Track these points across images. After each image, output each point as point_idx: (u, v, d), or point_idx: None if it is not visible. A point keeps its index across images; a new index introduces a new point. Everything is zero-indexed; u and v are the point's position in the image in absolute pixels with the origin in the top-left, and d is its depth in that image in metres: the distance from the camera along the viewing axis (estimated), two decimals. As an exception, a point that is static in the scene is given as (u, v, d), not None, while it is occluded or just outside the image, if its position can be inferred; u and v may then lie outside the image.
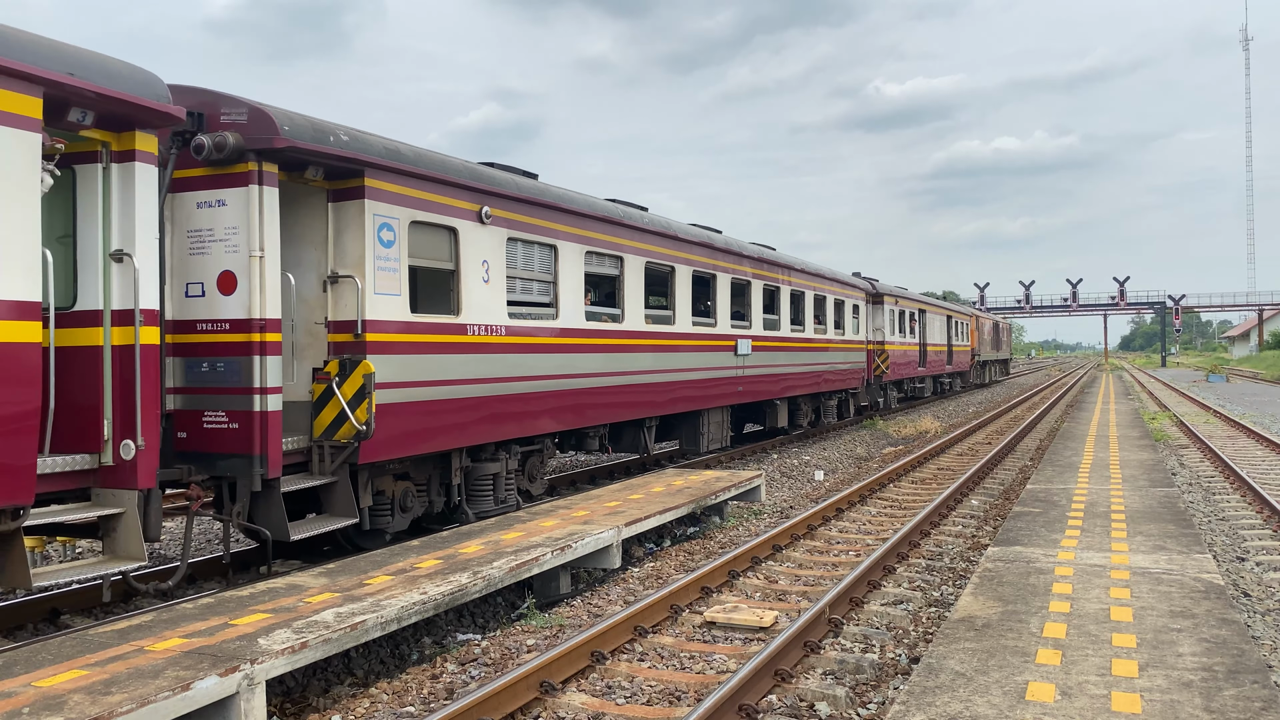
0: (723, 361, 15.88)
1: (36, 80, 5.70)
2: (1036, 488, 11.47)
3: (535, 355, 10.80)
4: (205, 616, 5.98)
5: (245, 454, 7.60)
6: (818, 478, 16.19)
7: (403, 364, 8.81)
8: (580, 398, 11.73)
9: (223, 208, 7.75)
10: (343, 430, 8.16)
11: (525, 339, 10.62)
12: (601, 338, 12.29)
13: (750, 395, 17.13)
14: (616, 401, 12.63)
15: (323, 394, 8.28)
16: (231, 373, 7.69)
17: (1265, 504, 12.09)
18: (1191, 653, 5.27)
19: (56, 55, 5.90)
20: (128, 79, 6.33)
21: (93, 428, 6.40)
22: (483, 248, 9.91)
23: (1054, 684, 4.83)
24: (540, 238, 10.96)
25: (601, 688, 6.08)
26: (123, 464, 6.38)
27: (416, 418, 8.97)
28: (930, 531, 10.94)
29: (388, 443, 8.58)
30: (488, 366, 9.96)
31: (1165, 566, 7.31)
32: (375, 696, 5.98)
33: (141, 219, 6.51)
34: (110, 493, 6.41)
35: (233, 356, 7.70)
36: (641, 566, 9.51)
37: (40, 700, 4.56)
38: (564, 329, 11.40)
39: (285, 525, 7.74)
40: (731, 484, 11.84)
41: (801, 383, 20.01)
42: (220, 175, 7.70)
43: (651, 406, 13.64)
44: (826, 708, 5.68)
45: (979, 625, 5.87)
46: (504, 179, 10.46)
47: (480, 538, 8.49)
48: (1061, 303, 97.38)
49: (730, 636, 7.19)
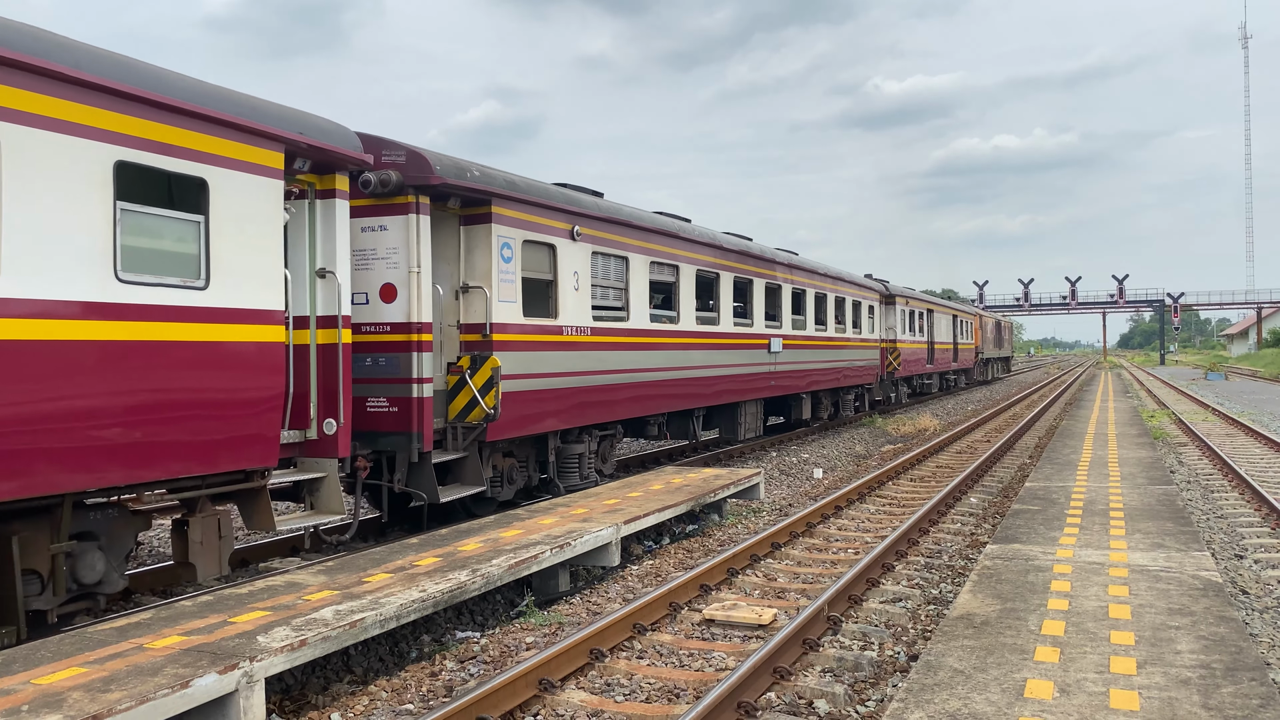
0: (758, 358, 17.56)
1: (280, 139, 7.38)
2: (1035, 485, 11.48)
3: (612, 352, 12.56)
4: (204, 614, 5.98)
5: (405, 432, 9.36)
6: (816, 475, 16.20)
7: (518, 359, 10.52)
8: (646, 389, 13.47)
9: (384, 231, 9.54)
10: (474, 414, 9.87)
11: (605, 338, 12.40)
12: (662, 337, 14.04)
13: (780, 389, 18.75)
14: (673, 393, 14.34)
15: (456, 384, 9.95)
16: (393, 366, 9.48)
17: (1264, 502, 12.10)
18: (1190, 650, 5.28)
19: (288, 117, 7.51)
20: (331, 132, 7.99)
21: (303, 409, 7.98)
22: (573, 261, 11.68)
23: (1052, 681, 4.84)
24: (616, 251, 12.74)
25: (600, 685, 6.08)
26: (325, 438, 8.09)
27: (527, 404, 10.69)
28: (929, 529, 10.95)
29: (506, 425, 10.27)
30: (578, 362, 11.71)
31: (1164, 564, 7.32)
32: (374, 694, 5.99)
33: (339, 243, 8.21)
34: (315, 461, 8.09)
35: (394, 353, 9.49)
36: (640, 564, 9.52)
37: (39, 698, 4.56)
38: (633, 329, 13.18)
39: (436, 490, 9.47)
40: (730, 482, 11.84)
41: (824, 378, 21.71)
42: (383, 205, 9.48)
43: (700, 398, 15.33)
44: (825, 705, 5.68)
45: (978, 623, 5.87)
46: (589, 202, 12.21)
47: (479, 535, 8.49)
48: (1060, 301, 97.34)
49: (729, 634, 7.20)
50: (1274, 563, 9.43)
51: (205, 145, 6.79)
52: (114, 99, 6.13)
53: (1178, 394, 38.95)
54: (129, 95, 6.20)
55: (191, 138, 6.68)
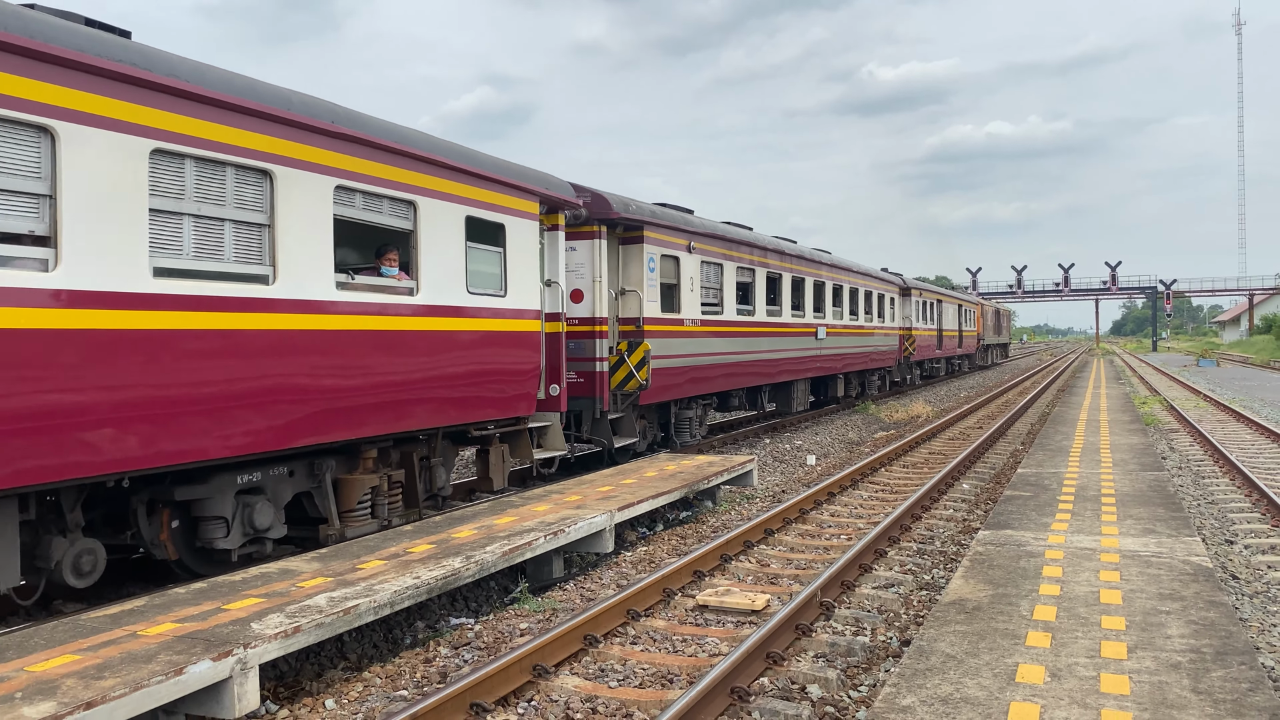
0: (808, 344, 21.14)
1: (537, 194, 10.67)
2: (1027, 471, 11.52)
3: (713, 339, 16.03)
4: (198, 601, 5.98)
5: (589, 396, 13.04)
6: (810, 462, 16.23)
7: (658, 344, 14.01)
8: (733, 369, 16.94)
9: (573, 251, 12.92)
10: (630, 384, 13.24)
11: (708, 328, 15.86)
12: (744, 328, 17.44)
13: (823, 371, 22.38)
14: (750, 373, 17.79)
15: (616, 363, 13.30)
16: (580, 349, 12.98)
17: (1254, 488, 12.17)
18: (1180, 635, 5.31)
19: (540, 178, 10.88)
20: (560, 185, 11.29)
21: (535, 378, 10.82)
22: (689, 268, 15.18)
23: (1044, 666, 4.87)
24: (715, 259, 16.22)
25: (594, 671, 6.10)
26: (550, 398, 11.19)
27: (662, 379, 14.15)
28: (921, 515, 10.99)
29: (651, 393, 13.77)
30: (692, 347, 15.22)
31: (1155, 549, 7.36)
32: (368, 680, 6.00)
33: (560, 262, 11.52)
34: (544, 414, 11.12)
35: (582, 339, 13.00)
36: (634, 551, 9.54)
37: (33, 685, 4.56)
38: (725, 320, 16.59)
39: (611, 440, 13.22)
40: (724, 469, 11.86)
41: (856, 361, 25.24)
42: (573, 231, 12.74)
43: (767, 377, 18.79)
44: (818, 690, 5.71)
45: (970, 608, 5.90)
46: (697, 222, 15.71)
47: (473, 522, 8.50)
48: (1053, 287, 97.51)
49: (722, 620, 7.22)
50: (1264, 548, 9.48)
51: (506, 202, 10.11)
52: (465, 176, 9.38)
53: (1170, 380, 39.08)
54: (475, 174, 9.54)
55: (499, 198, 9.99)
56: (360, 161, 8.06)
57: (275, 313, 7.21)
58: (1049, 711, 4.30)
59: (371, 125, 8.22)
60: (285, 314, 7.30)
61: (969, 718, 4.26)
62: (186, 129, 6.52)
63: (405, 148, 8.54)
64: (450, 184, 9.19)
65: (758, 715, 5.33)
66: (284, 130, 7.29)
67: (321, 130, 7.61)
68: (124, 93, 6.11)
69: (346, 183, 7.90)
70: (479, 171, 9.58)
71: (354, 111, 8.18)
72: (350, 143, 7.95)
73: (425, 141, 8.91)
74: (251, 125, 7.02)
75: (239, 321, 6.90)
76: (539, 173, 10.96)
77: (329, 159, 7.73)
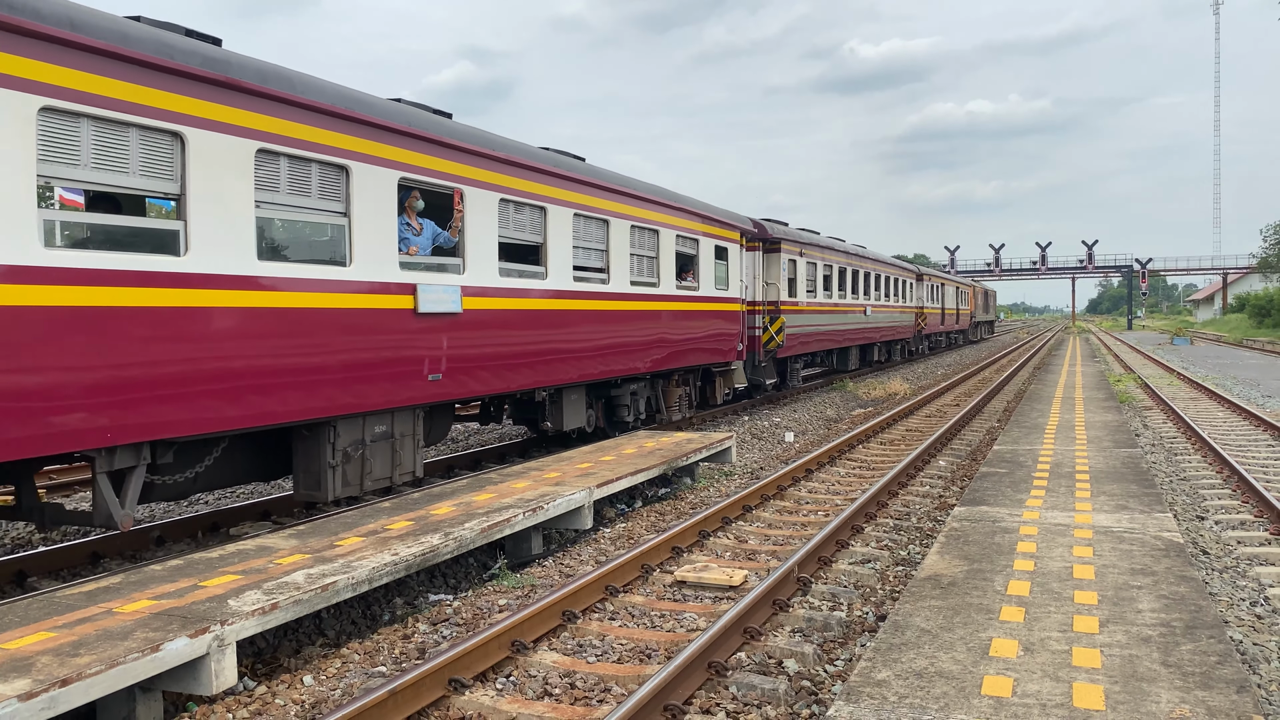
0: (860, 320, 28.45)
1: (741, 229, 18.06)
2: (1003, 449, 11.63)
3: (813, 315, 23.03)
4: (174, 578, 5.95)
5: (752, 351, 19.82)
6: (788, 439, 16.31)
7: (789, 318, 20.91)
8: (822, 336, 24.17)
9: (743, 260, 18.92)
10: (771, 345, 20.25)
11: (811, 308, 22.86)
12: (828, 307, 24.49)
13: (867, 340, 29.87)
14: (829, 339, 25.06)
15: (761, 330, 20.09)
16: (750, 321, 19.25)
17: (1225, 464, 12.33)
18: (1151, 609, 5.39)
19: (739, 216, 18.35)
20: (743, 219, 18.48)
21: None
22: (802, 268, 22.26)
23: (1017, 640, 4.93)
24: (816, 259, 23.50)
25: (573, 646, 6.13)
26: (738, 353, 17.70)
27: (791, 341, 21.13)
28: (898, 492, 11.08)
29: (784, 349, 20.71)
30: (802, 320, 22.04)
31: (1127, 525, 7.45)
32: (347, 656, 6.00)
33: (754, 270, 19.97)
34: (733, 363, 17.63)
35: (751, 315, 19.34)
36: (613, 527, 9.56)
37: (8, 662, 4.53)
38: (819, 303, 23.65)
39: (766, 381, 21.21)
40: (703, 446, 11.90)
41: (887, 333, 33.05)
42: (743, 246, 18.45)
43: (837, 343, 26.05)
44: (795, 665, 5.76)
45: (945, 583, 5.96)
46: (806, 236, 23.11)
47: (452, 499, 8.49)
48: (1030, 266, 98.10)
49: (700, 595, 7.27)
50: (1234, 523, 9.62)
51: (728, 235, 17.30)
52: (714, 223, 16.56)
53: (1144, 359, 39.46)
54: (718, 221, 16.76)
55: (725, 233, 17.12)
56: (683, 221, 15.32)
57: (660, 302, 14.43)
58: (1022, 684, 4.35)
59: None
60: (666, 303, 14.56)
61: (943, 691, 4.31)
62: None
63: (695, 209, 15.84)
64: (710, 228, 16.41)
65: (735, 689, 5.37)
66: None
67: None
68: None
69: (682, 233, 15.23)
70: (719, 219, 16.77)
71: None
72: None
73: (701, 206, 16.27)
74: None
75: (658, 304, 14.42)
76: (741, 216, 18.57)
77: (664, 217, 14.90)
